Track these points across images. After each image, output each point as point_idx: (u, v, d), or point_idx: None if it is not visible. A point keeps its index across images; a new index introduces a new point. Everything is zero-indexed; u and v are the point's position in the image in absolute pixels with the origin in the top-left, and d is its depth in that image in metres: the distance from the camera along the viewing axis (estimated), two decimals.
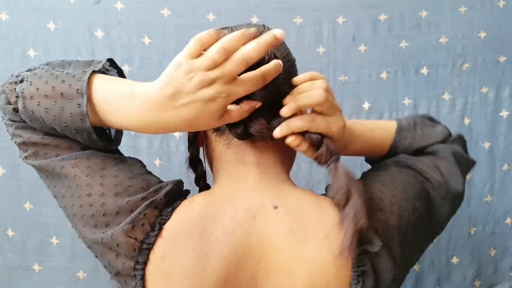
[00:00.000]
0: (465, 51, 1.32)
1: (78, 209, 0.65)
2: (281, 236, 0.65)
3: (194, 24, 1.26)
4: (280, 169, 0.72)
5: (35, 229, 1.24)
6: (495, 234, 1.36)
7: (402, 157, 0.81)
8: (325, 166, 0.67)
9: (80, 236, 0.68)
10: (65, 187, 0.66)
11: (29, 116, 0.64)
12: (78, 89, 0.62)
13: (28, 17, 1.21)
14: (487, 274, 1.36)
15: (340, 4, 1.28)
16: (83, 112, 0.61)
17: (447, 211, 0.78)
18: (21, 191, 1.23)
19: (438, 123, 0.87)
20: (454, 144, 0.84)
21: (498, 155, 1.34)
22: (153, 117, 0.60)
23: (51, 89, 0.62)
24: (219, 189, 0.71)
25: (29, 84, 0.63)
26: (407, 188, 0.73)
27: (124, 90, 0.62)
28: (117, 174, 0.66)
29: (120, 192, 0.65)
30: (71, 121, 0.62)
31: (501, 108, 1.33)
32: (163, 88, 0.59)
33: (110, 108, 0.62)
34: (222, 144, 0.72)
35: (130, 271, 0.64)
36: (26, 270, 1.24)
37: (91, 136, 0.64)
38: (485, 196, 1.34)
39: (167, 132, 0.63)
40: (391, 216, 0.69)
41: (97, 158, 0.66)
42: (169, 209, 0.66)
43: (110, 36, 1.24)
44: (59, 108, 0.62)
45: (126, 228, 0.63)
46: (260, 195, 0.68)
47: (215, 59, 0.57)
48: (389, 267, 0.67)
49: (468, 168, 0.87)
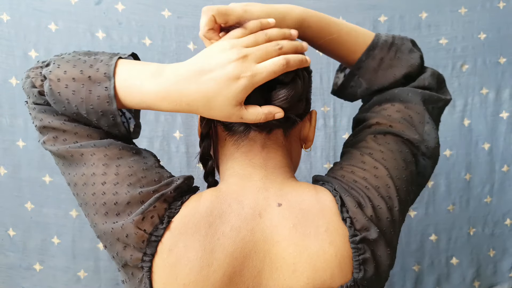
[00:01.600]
0: (465, 52, 1.32)
1: (90, 197, 0.66)
2: (285, 233, 0.66)
3: (195, 25, 1.26)
4: (286, 170, 0.74)
5: (36, 228, 1.25)
6: (495, 235, 1.36)
7: (371, 116, 0.79)
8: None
9: (91, 224, 0.69)
10: (79, 174, 0.67)
11: (54, 98, 0.65)
12: (106, 72, 0.64)
13: (29, 18, 1.22)
14: (486, 274, 1.36)
15: (340, 5, 1.29)
16: (111, 95, 0.64)
17: (430, 167, 0.79)
18: (22, 191, 1.24)
19: (416, 52, 0.82)
20: (426, 81, 0.81)
21: (498, 156, 1.35)
22: (176, 86, 0.63)
23: (79, 72, 0.65)
24: (226, 186, 0.72)
25: (56, 67, 0.66)
26: (390, 163, 0.72)
27: (152, 68, 0.65)
28: (132, 164, 0.67)
29: (133, 183, 0.66)
30: (98, 104, 0.65)
31: (501, 109, 1.34)
32: (194, 63, 0.63)
33: (135, 85, 0.64)
34: (231, 144, 0.73)
35: (137, 263, 0.65)
36: (27, 269, 1.25)
37: (116, 120, 0.66)
38: (484, 197, 1.35)
39: (183, 109, 0.64)
40: (380, 200, 0.69)
41: (115, 147, 0.68)
42: (178, 203, 0.67)
43: (111, 37, 1.25)
44: (86, 91, 0.64)
45: (136, 219, 0.64)
46: (265, 193, 0.69)
47: (257, 39, 0.65)
48: (388, 252, 0.68)
49: (442, 108, 0.84)
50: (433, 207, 1.34)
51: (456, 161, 1.33)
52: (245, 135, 0.72)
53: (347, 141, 0.81)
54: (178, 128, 1.28)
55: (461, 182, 1.34)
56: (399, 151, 0.74)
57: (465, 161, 1.34)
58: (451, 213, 1.34)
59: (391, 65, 0.80)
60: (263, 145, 0.72)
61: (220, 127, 0.74)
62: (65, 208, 1.25)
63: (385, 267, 0.68)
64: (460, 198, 1.34)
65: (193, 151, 1.29)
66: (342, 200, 0.68)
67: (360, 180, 0.70)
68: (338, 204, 0.68)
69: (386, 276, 0.70)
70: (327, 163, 1.32)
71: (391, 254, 0.69)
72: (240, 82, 0.62)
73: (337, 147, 1.32)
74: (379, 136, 0.75)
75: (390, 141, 0.74)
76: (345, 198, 0.68)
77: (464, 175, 1.34)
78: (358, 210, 0.67)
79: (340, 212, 0.67)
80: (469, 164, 1.34)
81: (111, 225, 0.65)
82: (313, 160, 1.32)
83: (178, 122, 1.27)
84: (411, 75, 0.80)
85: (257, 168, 0.71)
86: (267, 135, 0.72)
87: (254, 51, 0.63)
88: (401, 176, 0.72)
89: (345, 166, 0.74)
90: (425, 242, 1.34)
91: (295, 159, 0.78)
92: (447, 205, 1.34)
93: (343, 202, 0.68)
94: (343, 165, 0.74)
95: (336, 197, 0.69)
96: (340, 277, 0.66)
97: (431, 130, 0.78)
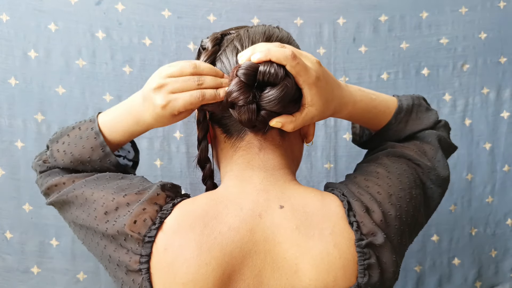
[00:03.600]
0: (465, 52, 1.32)
1: (86, 219, 0.72)
2: (287, 234, 0.66)
3: (195, 25, 1.27)
4: (286, 171, 0.74)
5: (35, 230, 1.24)
6: (496, 235, 1.36)
7: (389, 145, 0.83)
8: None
9: (94, 248, 0.73)
10: (76, 206, 0.74)
11: (54, 156, 0.78)
12: (91, 119, 0.78)
13: (29, 18, 1.21)
14: (488, 275, 1.36)
15: (341, 5, 1.29)
16: (96, 131, 0.76)
17: (438, 195, 0.81)
18: (21, 192, 1.23)
19: (431, 108, 0.89)
20: (439, 130, 0.87)
21: (499, 156, 1.34)
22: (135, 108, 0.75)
23: (72, 129, 0.79)
24: (224, 189, 0.72)
25: (54, 137, 0.80)
26: (402, 178, 0.75)
27: (124, 106, 0.76)
28: (118, 182, 0.74)
29: (118, 191, 0.71)
30: (88, 142, 0.76)
31: (502, 109, 1.34)
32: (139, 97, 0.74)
33: (116, 117, 0.77)
34: (230, 146, 0.74)
35: (136, 265, 0.66)
36: (24, 272, 1.24)
37: (105, 150, 0.76)
38: (486, 197, 1.34)
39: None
40: (391, 207, 0.70)
41: (103, 176, 0.75)
42: (170, 205, 0.69)
43: (111, 37, 1.24)
44: (78, 138, 0.77)
45: (128, 223, 0.66)
46: (266, 195, 0.69)
47: (183, 70, 0.69)
48: (393, 259, 0.68)
49: (450, 153, 0.90)
50: None
51: (457, 161, 1.33)
52: (241, 138, 0.72)
53: (359, 163, 0.85)
54: (178, 129, 1.28)
55: (462, 182, 1.34)
56: (411, 173, 0.77)
57: (467, 161, 1.34)
58: (452, 214, 1.34)
59: (413, 124, 0.86)
60: (260, 147, 0.72)
61: (218, 129, 0.75)
62: None
63: (390, 274, 0.68)
64: (461, 199, 1.34)
65: (193, 152, 1.28)
66: (350, 204, 0.69)
67: (373, 185, 0.72)
68: (346, 208, 0.68)
69: (390, 285, 0.70)
70: (327, 163, 1.32)
71: (396, 262, 0.69)
72: (157, 108, 0.69)
73: (337, 147, 1.31)
74: (393, 158, 0.79)
75: (402, 163, 0.78)
76: (352, 203, 0.69)
77: (466, 175, 1.34)
78: (365, 214, 0.68)
79: (347, 216, 0.68)
80: (471, 164, 1.34)
81: (110, 233, 0.68)
82: (314, 160, 1.32)
83: (179, 122, 1.26)
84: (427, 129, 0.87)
85: (256, 170, 0.72)
86: (263, 137, 0.72)
87: (171, 82, 0.68)
88: (411, 194, 0.74)
89: (358, 175, 0.76)
90: (427, 243, 1.33)
91: (296, 156, 0.79)
92: (449, 205, 1.33)
93: (351, 207, 0.69)
94: (357, 175, 0.77)
95: (344, 202, 0.69)
96: (343, 280, 0.65)
97: (442, 158, 0.82)
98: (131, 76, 1.25)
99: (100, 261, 0.73)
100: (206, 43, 0.76)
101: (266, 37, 0.73)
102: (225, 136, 0.74)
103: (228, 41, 0.74)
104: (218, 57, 0.74)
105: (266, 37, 0.73)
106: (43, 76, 1.22)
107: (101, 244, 0.70)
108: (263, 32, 0.74)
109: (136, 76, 1.25)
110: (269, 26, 0.77)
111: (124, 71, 1.24)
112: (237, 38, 0.74)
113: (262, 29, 0.75)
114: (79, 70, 1.23)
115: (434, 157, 0.81)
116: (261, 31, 0.74)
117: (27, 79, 1.22)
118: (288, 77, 0.65)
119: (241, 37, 0.73)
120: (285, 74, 0.65)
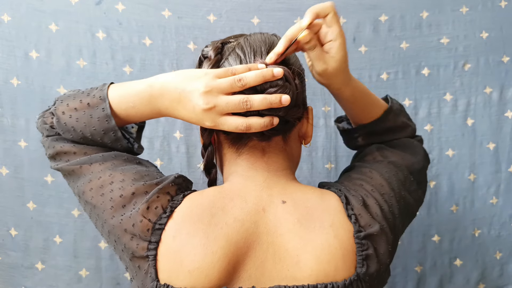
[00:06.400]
0: (467, 51, 1.31)
1: (98, 198, 0.72)
2: (289, 227, 0.69)
3: (195, 25, 1.27)
4: (288, 172, 0.77)
5: (38, 228, 1.26)
6: (501, 237, 1.34)
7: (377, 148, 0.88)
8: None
9: (100, 226, 0.74)
10: (86, 181, 0.73)
11: (62, 128, 0.75)
12: (101, 96, 0.74)
13: (29, 19, 1.23)
14: (492, 277, 1.34)
15: (341, 5, 1.28)
16: (108, 114, 0.73)
17: (423, 188, 0.88)
18: (24, 190, 1.25)
19: (410, 119, 0.95)
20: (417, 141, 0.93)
21: (503, 156, 1.33)
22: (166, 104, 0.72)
23: (79, 102, 0.75)
24: (230, 184, 0.76)
25: (60, 102, 0.76)
26: (391, 179, 0.79)
27: (141, 85, 0.73)
28: (136, 168, 0.74)
29: (137, 178, 0.72)
30: (99, 124, 0.74)
31: (506, 108, 1.32)
32: (177, 86, 0.70)
33: (130, 103, 0.74)
34: (234, 151, 0.77)
35: (143, 252, 0.68)
36: (29, 268, 1.26)
37: (117, 135, 0.75)
38: (490, 198, 1.33)
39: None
40: (384, 203, 0.74)
41: (121, 157, 0.76)
42: (180, 196, 0.72)
43: (111, 37, 1.25)
44: (87, 116, 0.74)
45: (141, 208, 0.69)
46: (269, 191, 0.73)
47: (233, 87, 0.68)
48: (389, 250, 0.72)
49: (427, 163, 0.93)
50: (435, 207, 1.32)
51: (459, 161, 1.32)
52: (245, 143, 0.75)
53: (351, 163, 0.90)
54: (178, 128, 1.29)
55: (464, 183, 1.33)
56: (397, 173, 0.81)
57: (469, 161, 1.32)
58: (454, 214, 1.32)
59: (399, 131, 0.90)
60: (264, 151, 0.76)
61: (222, 135, 0.77)
62: (67, 208, 1.25)
63: (385, 265, 0.72)
64: (464, 199, 1.33)
65: (193, 152, 1.29)
66: (347, 199, 0.73)
67: (366, 185, 0.76)
68: (344, 202, 0.72)
69: (385, 277, 0.75)
70: (328, 163, 1.32)
71: (391, 252, 0.74)
72: (205, 112, 0.68)
73: (338, 147, 1.31)
74: (382, 160, 0.84)
75: (390, 164, 0.82)
76: (350, 197, 0.73)
77: (468, 175, 1.32)
78: (362, 208, 0.72)
79: (346, 209, 0.72)
80: (473, 164, 1.33)
81: (119, 218, 0.70)
82: (314, 160, 1.32)
83: (179, 122, 1.27)
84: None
85: (259, 171, 0.75)
86: (267, 142, 0.75)
87: (218, 84, 0.68)
88: (400, 194, 0.78)
89: (352, 173, 0.81)
90: (428, 243, 1.32)
91: (296, 157, 0.82)
92: (450, 205, 1.32)
93: (348, 201, 0.73)
94: (351, 174, 0.82)
95: (341, 197, 0.73)
96: (343, 270, 0.68)
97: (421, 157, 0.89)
98: (132, 76, 1.26)
99: (103, 236, 0.76)
100: (208, 52, 0.78)
101: (266, 44, 0.76)
102: (229, 141, 0.77)
103: (230, 50, 0.76)
104: (222, 65, 0.76)
105: (267, 45, 0.76)
106: (44, 76, 1.24)
107: (109, 221, 0.71)
108: (264, 40, 0.76)
109: (136, 76, 1.26)
110: (267, 33, 0.79)
111: (124, 71, 1.26)
112: (238, 46, 0.76)
113: (261, 37, 0.77)
114: (80, 70, 1.25)
115: (411, 157, 0.86)
116: (261, 38, 0.77)
117: (29, 79, 1.24)
118: (288, 83, 0.70)
119: (242, 45, 0.76)
120: (285, 81, 0.70)
